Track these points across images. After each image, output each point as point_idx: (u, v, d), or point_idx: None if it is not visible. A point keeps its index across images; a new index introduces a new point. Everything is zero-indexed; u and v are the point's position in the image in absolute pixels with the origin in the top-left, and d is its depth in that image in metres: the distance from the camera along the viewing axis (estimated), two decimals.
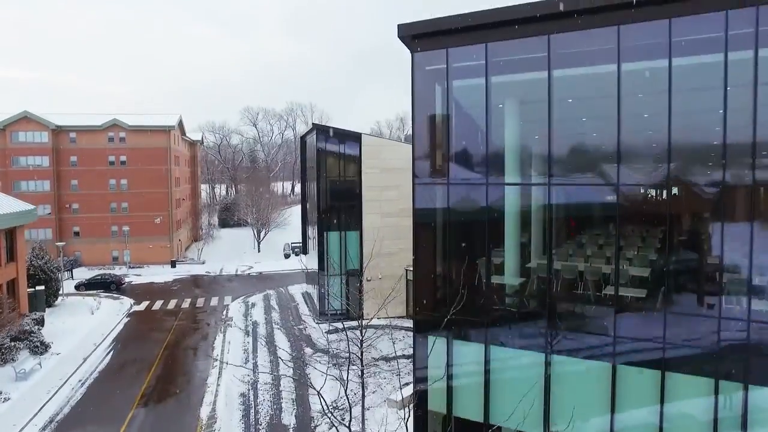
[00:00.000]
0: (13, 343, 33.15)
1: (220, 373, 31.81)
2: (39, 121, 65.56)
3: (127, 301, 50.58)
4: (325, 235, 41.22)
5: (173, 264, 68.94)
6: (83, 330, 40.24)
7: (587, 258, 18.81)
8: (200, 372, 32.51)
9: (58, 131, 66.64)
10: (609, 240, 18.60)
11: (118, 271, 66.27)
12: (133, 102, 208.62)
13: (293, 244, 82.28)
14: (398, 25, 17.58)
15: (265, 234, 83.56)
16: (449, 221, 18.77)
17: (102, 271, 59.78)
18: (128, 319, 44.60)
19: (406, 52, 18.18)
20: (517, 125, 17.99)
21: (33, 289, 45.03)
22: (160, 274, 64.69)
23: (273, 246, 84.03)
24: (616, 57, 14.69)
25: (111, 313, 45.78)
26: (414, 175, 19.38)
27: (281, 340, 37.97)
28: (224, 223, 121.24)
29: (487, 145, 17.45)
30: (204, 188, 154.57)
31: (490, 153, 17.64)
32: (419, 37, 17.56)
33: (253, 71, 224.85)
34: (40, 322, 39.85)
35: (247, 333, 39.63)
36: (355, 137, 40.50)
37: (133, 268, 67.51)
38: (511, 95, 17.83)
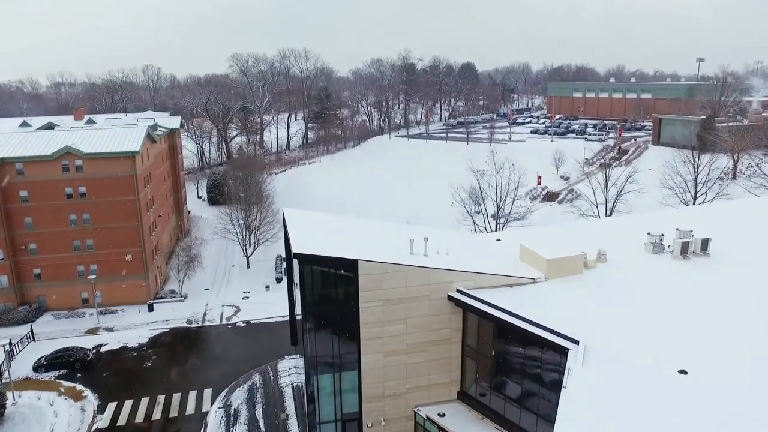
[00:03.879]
0: None
1: None
2: None
3: (89, 405, 43.38)
4: (315, 379, 33.13)
5: (150, 307, 61.22)
6: None
7: None
8: None
9: (0, 164, 56.43)
10: None
11: (87, 321, 58.81)
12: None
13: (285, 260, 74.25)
14: None
15: (254, 249, 75.06)
16: None
17: (65, 344, 51.71)
18: None
19: None
20: None
21: None
22: (135, 327, 57.25)
23: (264, 259, 75.91)
24: None
25: None
26: None
27: None
28: (213, 201, 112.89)
29: None
30: (192, 149, 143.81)
31: None
32: None
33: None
34: None
35: None
36: (351, 265, 31.25)
37: (105, 314, 59.96)
38: None
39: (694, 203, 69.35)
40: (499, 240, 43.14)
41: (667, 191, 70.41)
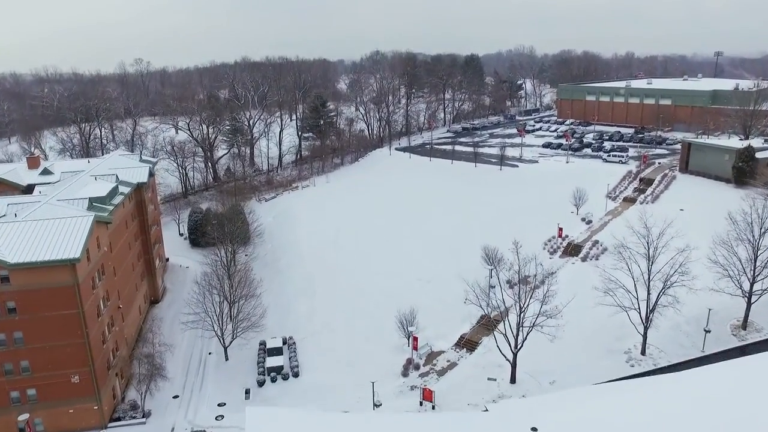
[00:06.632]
0: None
1: None
2: None
3: None
4: None
5: None
6: None
7: None
8: None
9: None
10: None
11: None
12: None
13: (271, 350, 63.89)
14: None
15: (233, 338, 64.07)
16: None
17: None
18: None
19: None
20: None
21: None
22: None
23: (245, 344, 64.96)
24: None
25: None
26: None
27: None
28: (195, 243, 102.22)
29: None
30: (176, 175, 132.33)
31: None
32: None
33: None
34: None
35: None
36: None
37: None
38: None
39: (751, 289, 58.54)
40: None
41: (718, 272, 59.42)
